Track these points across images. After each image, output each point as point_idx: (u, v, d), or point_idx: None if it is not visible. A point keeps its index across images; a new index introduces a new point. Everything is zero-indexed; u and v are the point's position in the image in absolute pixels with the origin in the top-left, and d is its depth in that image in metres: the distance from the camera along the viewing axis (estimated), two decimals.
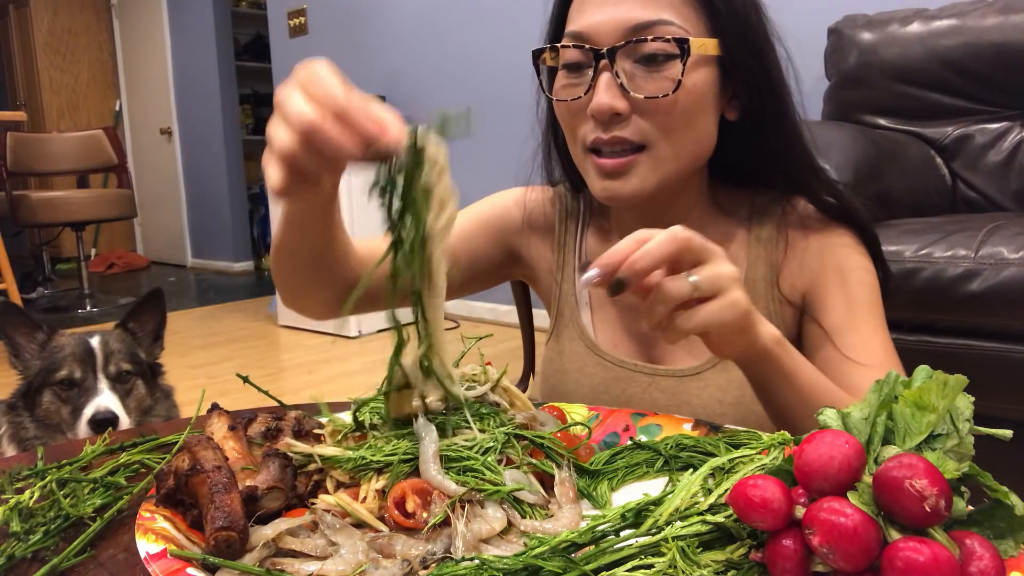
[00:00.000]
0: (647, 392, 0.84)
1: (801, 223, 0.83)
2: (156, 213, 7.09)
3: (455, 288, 0.96)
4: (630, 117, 0.73)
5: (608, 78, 0.72)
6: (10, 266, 3.71)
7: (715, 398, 0.80)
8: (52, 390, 1.40)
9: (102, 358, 1.43)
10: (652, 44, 0.71)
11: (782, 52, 0.78)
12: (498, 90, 3.79)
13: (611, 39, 0.72)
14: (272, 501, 0.52)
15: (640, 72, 0.72)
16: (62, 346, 1.42)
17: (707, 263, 0.57)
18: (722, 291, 0.57)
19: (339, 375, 3.26)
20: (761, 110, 0.77)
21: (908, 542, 0.36)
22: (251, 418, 0.63)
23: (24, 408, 1.41)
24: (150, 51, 6.75)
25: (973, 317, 1.37)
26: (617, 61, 0.72)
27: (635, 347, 0.87)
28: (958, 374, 0.41)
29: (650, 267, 0.55)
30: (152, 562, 0.45)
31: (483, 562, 0.42)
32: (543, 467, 0.56)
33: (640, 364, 0.85)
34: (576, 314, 0.90)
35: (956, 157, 2.03)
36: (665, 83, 0.72)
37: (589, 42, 0.73)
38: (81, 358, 1.41)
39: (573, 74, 0.76)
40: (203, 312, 4.84)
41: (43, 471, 0.63)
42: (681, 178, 0.79)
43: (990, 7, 1.99)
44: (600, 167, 0.75)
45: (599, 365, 0.87)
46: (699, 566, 0.41)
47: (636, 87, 0.72)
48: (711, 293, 0.57)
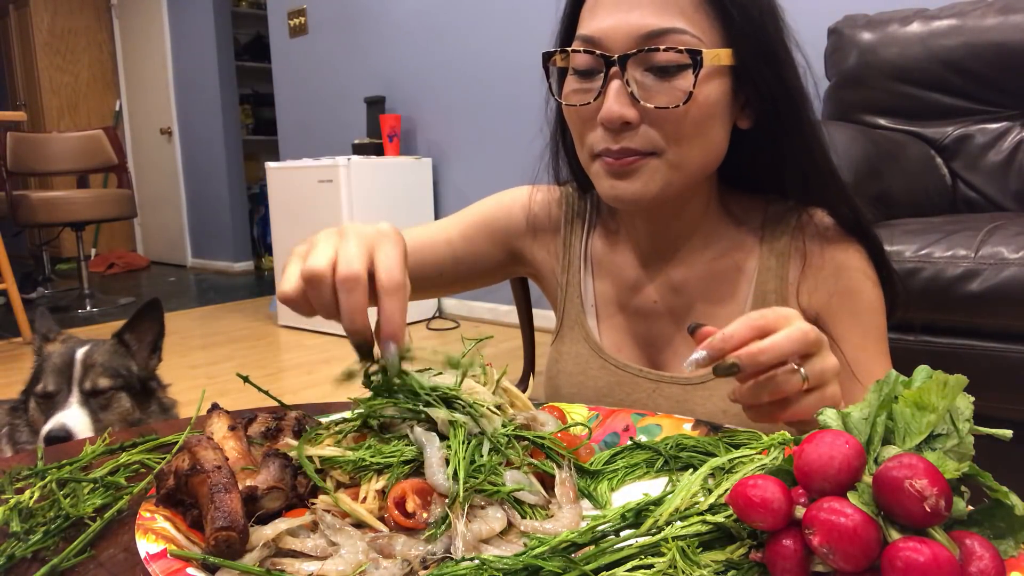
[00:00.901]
0: (651, 398, 0.83)
1: (819, 236, 0.81)
2: (156, 213, 7.09)
3: (457, 284, 0.97)
4: (639, 126, 0.72)
5: (618, 86, 0.71)
6: (10, 266, 3.72)
7: (720, 408, 0.80)
8: (35, 399, 1.40)
9: (80, 372, 1.41)
10: (664, 54, 0.70)
11: (800, 59, 0.76)
12: (498, 90, 3.80)
13: (623, 46, 0.71)
14: (272, 501, 0.52)
15: (651, 81, 0.71)
16: (49, 355, 1.42)
17: (816, 356, 0.57)
18: (826, 384, 0.57)
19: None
20: (776, 118, 0.76)
21: (908, 542, 0.36)
22: (251, 418, 0.63)
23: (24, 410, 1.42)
24: (150, 51, 6.75)
25: (973, 317, 1.37)
26: (628, 69, 0.71)
27: (640, 352, 0.87)
28: (958, 374, 0.41)
29: (774, 363, 0.55)
30: (152, 562, 0.45)
31: (483, 562, 0.42)
32: (543, 467, 0.56)
33: (645, 370, 0.85)
34: (582, 317, 0.90)
35: (956, 157, 2.03)
36: (676, 94, 0.70)
37: (600, 47, 0.72)
38: (60, 370, 1.40)
39: (583, 79, 0.75)
40: (203, 312, 4.84)
41: (43, 471, 0.63)
42: (689, 186, 0.78)
43: (990, 7, 1.99)
44: (608, 167, 0.75)
45: (603, 368, 0.87)
46: (699, 566, 0.41)
47: (647, 96, 0.71)
48: (816, 386, 0.57)
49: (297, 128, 5.08)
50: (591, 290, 0.91)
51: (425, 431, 0.55)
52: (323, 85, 4.77)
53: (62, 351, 1.42)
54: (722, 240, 0.85)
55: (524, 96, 0.89)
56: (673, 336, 0.86)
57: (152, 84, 6.81)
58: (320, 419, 0.65)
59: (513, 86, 3.65)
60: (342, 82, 4.60)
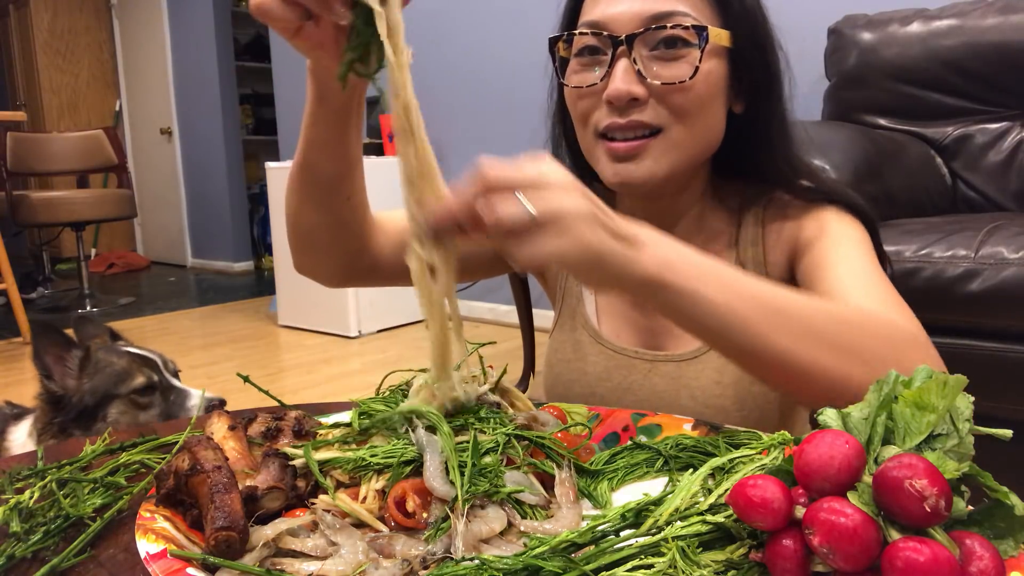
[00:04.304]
0: (647, 378, 0.85)
1: (781, 214, 0.83)
2: (156, 213, 7.09)
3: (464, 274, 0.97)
4: (647, 102, 0.74)
5: (626, 64, 0.74)
6: (10, 266, 3.72)
7: (713, 379, 0.81)
8: (126, 400, 1.39)
9: (160, 362, 1.45)
10: (671, 31, 0.73)
11: (782, 56, 0.80)
12: (498, 90, 3.80)
13: (629, 28, 0.74)
14: (272, 501, 0.52)
15: (657, 59, 0.74)
16: (109, 360, 1.41)
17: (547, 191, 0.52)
18: (565, 226, 0.52)
19: (339, 375, 3.26)
20: (757, 106, 0.79)
21: (908, 542, 0.36)
22: (251, 418, 0.63)
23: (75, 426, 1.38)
24: (150, 51, 6.75)
25: (973, 317, 1.37)
26: (635, 48, 0.74)
27: (638, 335, 0.88)
28: (958, 374, 0.41)
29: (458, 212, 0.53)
30: (152, 562, 0.45)
31: (483, 562, 0.42)
32: (544, 467, 0.56)
33: (641, 351, 0.86)
34: (580, 304, 0.91)
35: (956, 157, 2.03)
36: (683, 68, 0.73)
37: (608, 30, 0.75)
38: (146, 364, 1.42)
39: (589, 62, 0.77)
40: (203, 312, 4.84)
41: (43, 471, 0.63)
42: (692, 166, 0.80)
43: (990, 7, 1.99)
44: (612, 151, 0.76)
45: (601, 354, 0.88)
46: (699, 566, 0.41)
47: (653, 74, 0.74)
48: (548, 223, 0.51)
49: (297, 128, 5.02)
50: None
51: (427, 433, 0.55)
52: None
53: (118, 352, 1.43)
54: (712, 223, 0.87)
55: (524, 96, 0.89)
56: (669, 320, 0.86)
57: (152, 84, 6.81)
58: (320, 419, 0.65)
59: (513, 85, 3.65)
60: None
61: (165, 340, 4.00)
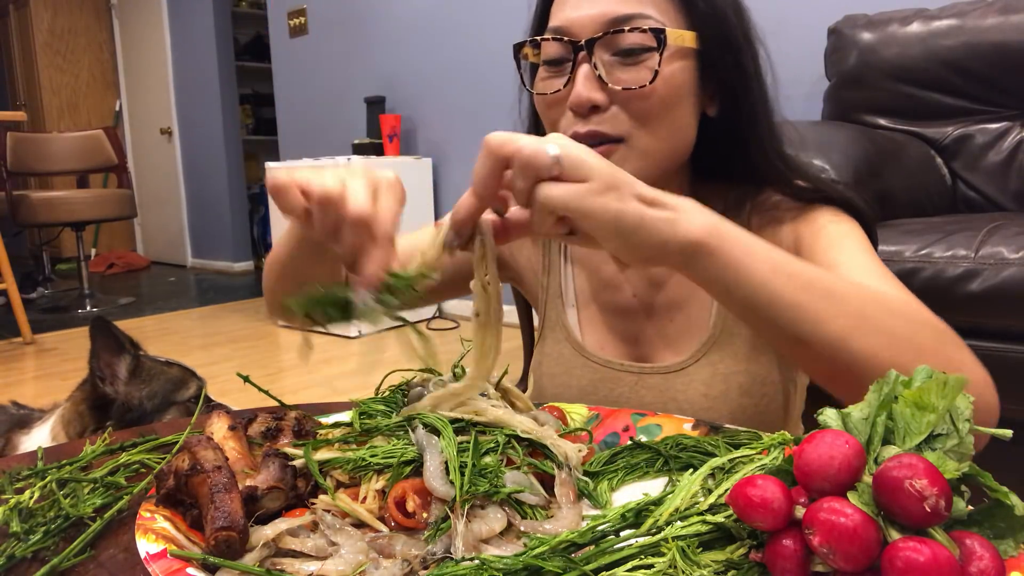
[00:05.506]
0: (634, 391, 0.84)
1: (770, 217, 0.80)
2: (156, 213, 7.09)
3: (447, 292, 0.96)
4: (609, 109, 0.73)
5: (587, 70, 0.73)
6: (10, 266, 3.72)
7: (700, 392, 0.80)
8: (183, 407, 1.40)
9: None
10: (630, 36, 0.72)
11: (762, 53, 0.78)
12: (498, 90, 3.79)
13: (590, 32, 0.73)
14: (272, 501, 0.52)
15: (618, 64, 0.73)
16: (160, 367, 1.40)
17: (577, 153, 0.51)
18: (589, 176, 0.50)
19: (339, 375, 3.26)
20: (735, 107, 0.77)
21: (908, 542, 0.36)
22: (251, 418, 0.63)
23: None
24: (150, 51, 6.75)
25: (973, 317, 1.37)
26: (596, 53, 0.73)
27: (622, 347, 0.87)
28: (958, 374, 0.41)
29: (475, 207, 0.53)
30: (152, 562, 0.45)
31: (483, 562, 0.42)
32: (543, 468, 0.56)
33: (627, 364, 0.85)
34: (562, 316, 0.90)
35: (956, 157, 2.03)
36: (643, 73, 0.72)
37: (568, 35, 0.74)
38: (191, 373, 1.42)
39: (553, 69, 0.76)
40: (203, 312, 4.84)
41: (43, 471, 0.63)
42: (662, 172, 0.77)
43: (990, 7, 1.99)
44: None
45: (585, 367, 0.87)
46: (699, 566, 0.41)
47: (614, 79, 0.73)
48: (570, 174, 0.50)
49: (297, 128, 5.08)
50: (572, 286, 0.91)
51: (427, 433, 0.55)
52: (323, 85, 4.77)
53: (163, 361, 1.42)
54: None
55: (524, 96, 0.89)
56: (653, 331, 0.86)
57: (152, 84, 6.81)
58: (320, 419, 0.65)
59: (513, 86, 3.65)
60: (342, 82, 4.60)
61: (165, 340, 4.00)
